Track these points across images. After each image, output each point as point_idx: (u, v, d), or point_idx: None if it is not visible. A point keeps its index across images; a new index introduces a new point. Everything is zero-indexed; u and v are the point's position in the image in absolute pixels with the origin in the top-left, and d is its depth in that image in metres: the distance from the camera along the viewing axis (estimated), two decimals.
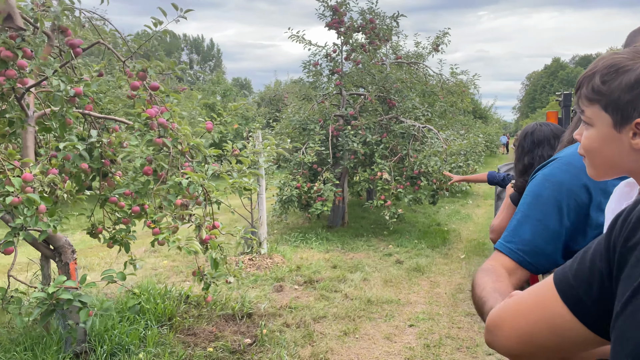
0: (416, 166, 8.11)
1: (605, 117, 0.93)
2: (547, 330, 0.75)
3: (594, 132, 0.96)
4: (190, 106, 15.22)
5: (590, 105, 0.95)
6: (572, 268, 0.74)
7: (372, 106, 8.88)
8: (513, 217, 1.40)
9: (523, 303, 0.80)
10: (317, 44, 9.45)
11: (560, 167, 1.36)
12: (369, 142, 8.50)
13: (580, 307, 0.71)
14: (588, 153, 0.99)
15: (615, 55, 0.93)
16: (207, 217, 4.04)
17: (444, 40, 12.63)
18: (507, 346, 0.82)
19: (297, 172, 8.41)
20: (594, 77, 0.94)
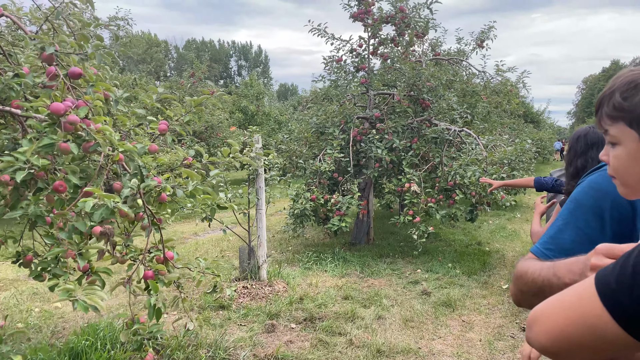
0: (451, 177, 6.89)
1: (632, 133, 0.93)
2: (585, 330, 0.75)
3: (622, 150, 0.96)
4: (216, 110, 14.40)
5: (614, 124, 0.96)
6: (614, 271, 0.74)
7: (401, 107, 7.72)
8: (553, 223, 1.35)
9: (563, 300, 0.80)
10: (340, 37, 8.40)
11: (606, 176, 1.15)
12: (396, 148, 7.35)
13: (619, 310, 0.71)
14: (618, 173, 0.99)
15: (633, 72, 0.95)
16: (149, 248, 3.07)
17: (489, 35, 11.32)
18: (542, 342, 0.81)
19: (313, 182, 7.37)
20: (614, 95, 0.96)
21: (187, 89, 17.42)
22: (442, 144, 7.34)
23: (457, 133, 7.30)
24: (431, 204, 6.89)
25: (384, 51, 8.16)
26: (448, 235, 9.00)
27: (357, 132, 7.79)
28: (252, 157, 5.42)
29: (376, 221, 9.52)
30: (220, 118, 15.67)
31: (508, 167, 6.60)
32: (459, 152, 7.23)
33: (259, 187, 5.52)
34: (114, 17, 13.52)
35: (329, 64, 8.30)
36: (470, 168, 6.65)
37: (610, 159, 0.99)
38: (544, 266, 1.05)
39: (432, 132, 7.27)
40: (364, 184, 8.16)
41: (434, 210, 6.88)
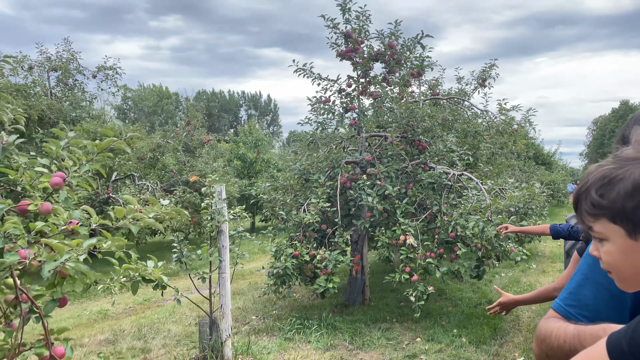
0: (451, 227, 6.00)
1: (617, 228, 0.94)
2: None
3: (611, 246, 0.97)
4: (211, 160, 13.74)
5: (597, 221, 0.97)
6: (627, 335, 0.75)
7: (394, 150, 6.94)
8: (572, 277, 1.30)
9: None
10: (327, 77, 7.74)
11: None
12: (389, 195, 6.51)
13: None
14: (613, 268, 0.99)
15: (603, 167, 0.96)
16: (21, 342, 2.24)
17: (490, 73, 10.67)
18: None
19: (297, 235, 6.51)
20: (589, 192, 0.97)
21: (182, 138, 16.92)
22: (440, 190, 6.50)
23: (456, 177, 6.47)
24: (430, 259, 5.97)
25: (374, 90, 7.46)
26: (454, 292, 7.99)
27: (346, 179, 7.00)
28: (213, 211, 4.62)
29: (374, 276, 8.56)
30: (215, 167, 15.02)
31: (516, 216, 5.70)
32: (459, 199, 6.36)
33: (221, 246, 4.68)
34: (102, 66, 13.20)
35: (315, 105, 7.61)
36: (472, 217, 5.76)
37: (602, 255, 1.00)
38: (569, 332, 1.10)
39: (428, 177, 6.44)
40: (356, 236, 7.28)
41: (433, 267, 5.96)
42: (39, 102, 10.29)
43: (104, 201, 12.48)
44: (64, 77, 12.21)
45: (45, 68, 12.40)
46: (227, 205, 6.17)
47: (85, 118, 11.89)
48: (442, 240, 6.26)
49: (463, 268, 6.04)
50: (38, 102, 10.28)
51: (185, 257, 4.42)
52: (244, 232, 4.94)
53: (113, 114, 54.39)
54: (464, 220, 5.86)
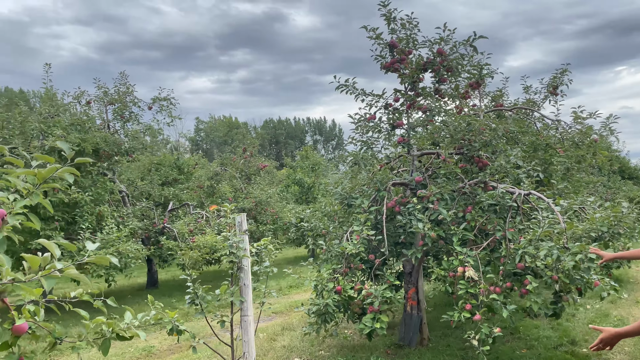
0: (518, 257, 5.08)
1: None
2: None
3: None
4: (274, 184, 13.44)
5: None
6: None
7: (448, 168, 6.13)
8: None
9: None
10: (372, 92, 7.10)
11: None
12: (443, 220, 5.70)
13: None
14: None
15: None
16: None
17: (562, 80, 9.62)
18: None
19: (339, 267, 5.83)
20: None
21: (239, 165, 16.82)
22: (503, 213, 5.59)
23: (523, 197, 5.54)
24: (494, 295, 5.07)
25: (422, 103, 6.71)
26: (529, 331, 6.91)
27: (394, 202, 6.26)
28: (231, 244, 4.07)
29: (433, 312, 7.64)
30: (270, 193, 14.70)
31: (599, 242, 4.70)
32: (527, 223, 5.43)
33: (242, 284, 4.10)
34: (156, 97, 13.35)
35: (358, 123, 6.95)
36: (544, 244, 4.83)
37: None
38: None
39: (488, 198, 5.57)
40: (409, 266, 6.48)
41: (499, 304, 5.05)
42: (92, 136, 10.40)
43: (160, 231, 12.42)
44: (119, 110, 12.40)
45: (104, 102, 12.69)
46: (282, 231, 5.73)
47: (140, 149, 11.95)
48: (508, 272, 5.33)
49: (536, 305, 5.06)
50: (91, 136, 10.39)
51: (200, 299, 3.88)
52: (270, 267, 4.34)
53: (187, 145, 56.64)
54: (534, 248, 4.92)
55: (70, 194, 9.45)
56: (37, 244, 9.23)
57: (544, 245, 4.85)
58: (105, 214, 10.13)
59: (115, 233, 9.41)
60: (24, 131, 9.53)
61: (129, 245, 9.50)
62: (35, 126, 9.47)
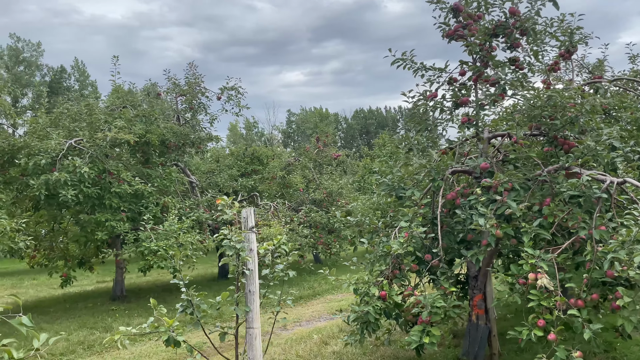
0: (608, 262, 3.96)
1: None
2: None
3: None
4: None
5: None
6: None
7: (519, 152, 5.06)
8: None
9: None
10: (434, 65, 6.16)
11: None
12: (512, 215, 4.68)
13: None
14: None
15: None
16: None
17: None
18: None
19: (383, 270, 5.03)
20: None
21: (312, 154, 16.35)
22: (590, 206, 4.46)
23: (616, 186, 4.37)
24: (574, 310, 4.01)
25: (490, 74, 5.64)
26: (628, 348, 5.64)
27: (455, 194, 5.32)
28: (232, 244, 3.47)
29: (506, 322, 6.56)
30: (341, 184, 14.04)
31: None
32: (621, 220, 4.26)
33: (247, 291, 3.48)
34: (224, 87, 13.19)
35: (419, 103, 6.02)
36: (639, 249, 3.69)
37: None
38: None
39: (570, 187, 4.46)
40: (475, 269, 5.51)
41: (579, 322, 3.99)
42: (157, 127, 10.38)
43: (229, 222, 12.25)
44: (188, 101, 12.38)
45: (175, 94, 12.74)
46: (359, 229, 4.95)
47: (206, 139, 11.83)
48: (595, 282, 4.23)
49: (630, 324, 3.93)
50: (156, 127, 10.37)
51: (195, 308, 3.32)
52: (286, 271, 3.68)
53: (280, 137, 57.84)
54: (628, 252, 3.79)
55: (134, 185, 9.46)
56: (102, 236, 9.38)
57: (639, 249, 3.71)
58: (170, 205, 10.07)
59: (177, 224, 9.27)
60: (90, 122, 9.69)
61: (190, 236, 9.33)
62: (100, 118, 9.57)
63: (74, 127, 9.69)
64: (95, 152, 9.13)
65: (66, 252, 10.24)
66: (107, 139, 8.97)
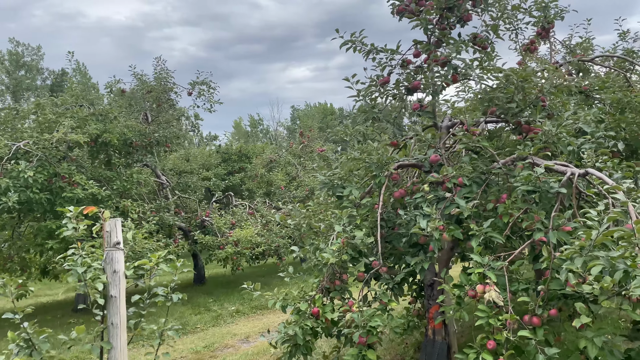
0: (563, 273, 3.26)
1: None
2: None
3: None
4: None
5: None
6: None
7: (470, 140, 4.36)
8: None
9: None
10: (385, 47, 5.46)
11: None
12: (461, 215, 3.99)
13: None
14: None
15: None
16: None
17: None
18: None
19: (318, 282, 4.36)
20: None
21: (297, 150, 15.70)
22: (545, 202, 3.76)
23: (577, 179, 3.66)
24: (525, 331, 3.32)
25: (444, 53, 4.91)
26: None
27: (404, 192, 4.63)
28: (79, 265, 2.82)
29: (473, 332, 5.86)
30: None
31: None
32: (583, 220, 3.55)
33: (110, 324, 2.83)
34: (194, 82, 12.55)
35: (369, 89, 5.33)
36: (600, 257, 2.99)
37: None
38: None
39: (523, 181, 3.76)
40: (430, 276, 4.82)
41: (533, 345, 3.30)
42: (115, 126, 9.76)
43: (200, 224, 11.64)
44: (154, 98, 11.75)
45: (142, 91, 12.12)
46: None
47: (172, 138, 11.18)
48: (553, 294, 3.53)
49: (594, 347, 3.23)
50: (114, 126, 9.75)
51: (36, 345, 2.68)
52: (168, 293, 3.03)
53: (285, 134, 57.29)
54: (586, 260, 3.09)
55: (88, 188, 8.85)
56: None
57: (600, 257, 3.01)
58: (130, 209, 9.46)
59: (133, 231, 8.64)
60: (40, 122, 9.09)
61: (148, 243, 8.71)
62: (50, 117, 8.96)
63: (20, 129, 9.09)
64: (44, 155, 8.52)
65: (24, 262, 9.68)
66: (53, 140, 8.36)
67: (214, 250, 10.54)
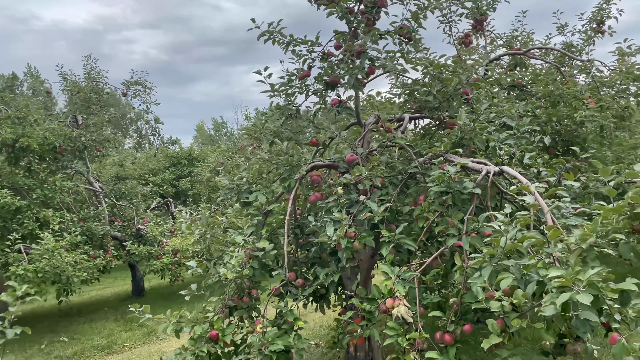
0: (474, 284, 2.88)
1: None
2: None
3: None
4: None
5: None
6: None
7: (383, 138, 3.96)
8: None
9: None
10: (305, 38, 5.01)
11: None
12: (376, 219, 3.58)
13: None
14: None
15: None
16: None
17: (609, 11, 7.17)
18: None
19: (217, 302, 3.87)
20: None
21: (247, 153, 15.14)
22: (460, 204, 3.39)
23: (491, 178, 3.30)
24: (434, 352, 2.92)
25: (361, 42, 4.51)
26: None
27: (321, 195, 4.20)
28: None
29: None
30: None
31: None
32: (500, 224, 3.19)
33: None
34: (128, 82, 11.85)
35: (281, 85, 4.88)
36: (510, 266, 2.62)
37: None
38: None
39: (436, 182, 3.37)
40: (352, 287, 4.40)
41: None
42: (32, 129, 9.00)
43: (136, 234, 10.94)
44: (84, 100, 11.00)
45: (72, 92, 11.34)
46: None
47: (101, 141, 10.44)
48: (466, 308, 3.16)
49: None
50: (32, 129, 8.99)
51: None
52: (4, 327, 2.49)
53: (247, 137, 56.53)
54: (498, 268, 2.71)
55: (0, 198, 8.10)
56: None
57: (508, 268, 2.65)
58: (51, 220, 8.72)
59: (53, 243, 7.94)
60: None
61: (69, 256, 8.01)
62: None
63: None
64: None
65: None
66: None
67: (149, 261, 9.89)
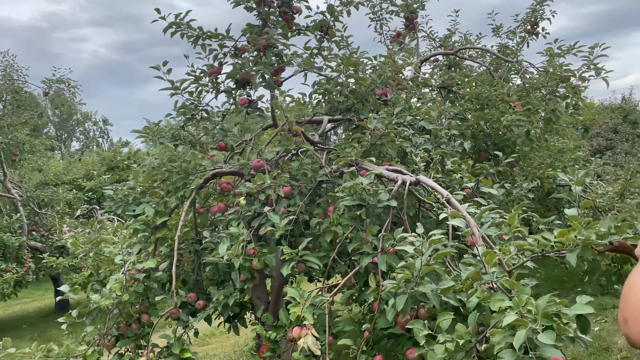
0: (389, 311, 2.48)
1: None
2: None
3: None
4: None
5: None
6: None
7: (289, 142, 3.54)
8: None
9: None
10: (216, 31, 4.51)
11: None
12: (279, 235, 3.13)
13: None
14: None
15: None
16: None
17: (542, 12, 7.05)
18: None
19: (98, 332, 3.32)
20: None
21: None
22: (374, 218, 3.00)
23: (408, 188, 2.92)
24: None
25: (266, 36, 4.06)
26: None
27: (225, 206, 3.71)
28: None
29: None
30: None
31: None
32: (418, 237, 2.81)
33: None
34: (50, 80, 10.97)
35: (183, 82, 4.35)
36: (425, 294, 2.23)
37: None
38: None
39: (345, 192, 2.97)
40: (264, 308, 3.93)
41: None
42: None
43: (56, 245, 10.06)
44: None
45: None
46: None
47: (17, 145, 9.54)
48: (379, 335, 2.76)
49: None
50: None
51: None
52: None
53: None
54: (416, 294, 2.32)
55: None
56: None
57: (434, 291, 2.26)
58: None
59: None
60: None
61: None
62: None
63: None
64: None
65: None
66: None
67: (68, 275, 9.08)
